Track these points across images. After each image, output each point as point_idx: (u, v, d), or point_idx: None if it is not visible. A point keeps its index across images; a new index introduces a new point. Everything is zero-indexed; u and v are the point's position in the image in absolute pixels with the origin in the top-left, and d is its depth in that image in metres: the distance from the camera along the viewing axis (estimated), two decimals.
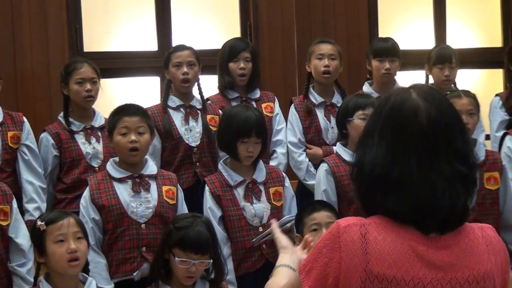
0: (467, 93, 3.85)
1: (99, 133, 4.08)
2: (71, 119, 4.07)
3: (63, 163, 4.04)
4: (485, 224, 1.75)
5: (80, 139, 4.05)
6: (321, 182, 3.72)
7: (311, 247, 1.88)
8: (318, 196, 3.71)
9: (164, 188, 3.56)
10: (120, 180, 3.51)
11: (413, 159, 1.63)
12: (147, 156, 3.65)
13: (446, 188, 1.63)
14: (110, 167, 3.55)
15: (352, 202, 3.68)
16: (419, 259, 1.61)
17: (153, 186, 3.53)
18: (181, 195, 3.63)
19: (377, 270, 1.59)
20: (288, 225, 3.47)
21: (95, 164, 4.01)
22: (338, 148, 3.82)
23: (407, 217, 1.63)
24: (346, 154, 3.75)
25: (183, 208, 3.61)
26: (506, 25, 5.75)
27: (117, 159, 3.59)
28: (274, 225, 2.17)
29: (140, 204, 3.49)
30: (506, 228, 3.83)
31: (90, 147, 4.03)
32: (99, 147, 4.05)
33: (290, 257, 1.97)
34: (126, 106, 3.60)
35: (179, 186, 3.65)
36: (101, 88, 4.12)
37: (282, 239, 2.05)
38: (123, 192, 3.49)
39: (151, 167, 3.60)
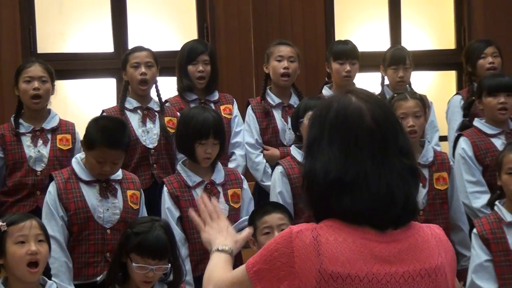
0: (413, 95, 3.90)
1: (49, 136, 4.01)
2: (21, 121, 4.00)
3: (6, 166, 3.98)
4: (432, 224, 1.80)
5: (26, 141, 3.97)
6: (277, 184, 3.74)
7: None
8: (274, 198, 3.72)
9: (129, 192, 3.54)
10: (87, 183, 3.48)
11: (365, 159, 1.66)
12: None
13: (400, 182, 1.67)
14: (77, 166, 3.50)
15: None
16: (372, 255, 1.64)
17: (119, 192, 3.52)
18: (143, 198, 3.62)
19: (331, 269, 1.62)
20: (247, 229, 3.47)
21: (39, 168, 3.94)
22: (293, 150, 3.85)
23: (363, 217, 1.66)
24: (300, 156, 3.78)
25: (143, 212, 3.60)
26: (459, 27, 5.85)
27: (83, 155, 3.53)
28: None
29: (107, 209, 3.47)
30: (453, 228, 3.90)
31: (34, 151, 3.96)
32: (45, 150, 3.97)
33: (225, 239, 1.96)
34: (108, 131, 3.48)
35: (141, 190, 3.64)
36: (54, 90, 4.05)
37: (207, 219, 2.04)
38: (91, 196, 3.46)
39: (117, 172, 3.57)
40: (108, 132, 3.46)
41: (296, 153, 3.80)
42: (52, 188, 3.47)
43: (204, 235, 2.01)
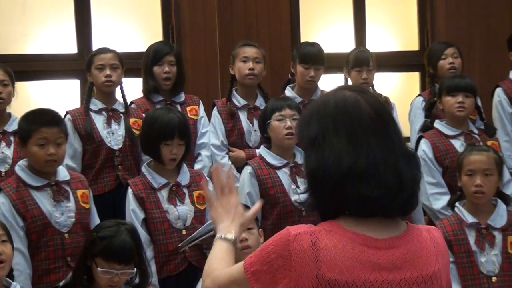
0: (379, 96, 3.93)
1: (11, 138, 3.97)
2: None
3: None
4: (431, 226, 1.82)
5: None
6: (245, 185, 3.74)
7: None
8: (242, 199, 3.70)
9: (79, 192, 3.53)
10: (37, 189, 3.43)
11: (373, 146, 1.68)
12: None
13: (406, 166, 1.69)
14: (22, 173, 3.46)
15: (276, 205, 3.72)
16: (370, 262, 1.65)
17: (70, 194, 3.50)
18: (91, 196, 3.60)
19: (329, 275, 1.62)
20: (212, 232, 3.47)
21: (3, 169, 3.91)
22: (262, 151, 3.86)
23: (377, 204, 1.66)
24: (270, 157, 3.79)
25: (94, 210, 3.59)
26: (422, 29, 5.90)
27: (25, 162, 3.50)
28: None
29: (62, 213, 3.44)
30: None
31: None
32: (9, 152, 3.94)
33: (232, 220, 1.94)
34: (43, 114, 3.51)
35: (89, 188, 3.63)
36: (16, 92, 4.02)
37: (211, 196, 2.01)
38: (44, 202, 3.43)
39: (63, 172, 3.55)
40: (39, 113, 3.52)
41: (266, 153, 3.81)
42: (4, 200, 3.40)
43: (212, 212, 1.99)
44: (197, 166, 4.18)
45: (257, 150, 4.22)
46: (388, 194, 1.66)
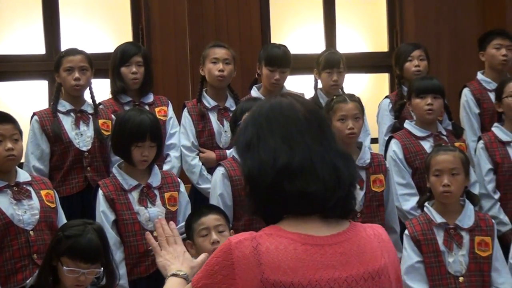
0: (352, 98, 3.96)
1: None
2: None
3: None
4: (375, 224, 1.82)
5: None
6: (217, 186, 3.72)
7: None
8: (214, 200, 3.71)
9: (43, 192, 3.52)
10: None
11: (308, 144, 1.69)
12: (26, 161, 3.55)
13: (343, 164, 1.71)
14: None
15: None
16: (314, 261, 1.64)
17: (33, 193, 3.48)
18: (57, 197, 3.59)
19: (273, 278, 1.61)
20: (184, 236, 3.47)
21: None
22: (235, 152, 3.84)
23: (315, 201, 1.66)
24: None
25: (60, 211, 3.58)
26: (391, 30, 5.94)
27: None
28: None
29: (25, 211, 3.43)
30: (387, 229, 3.94)
31: None
32: None
33: (181, 264, 1.95)
34: None
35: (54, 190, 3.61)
36: None
37: (165, 244, 2.02)
38: (4, 202, 3.41)
39: (23, 174, 3.54)
40: None
41: None
42: None
43: (159, 260, 1.99)
44: (165, 167, 4.16)
45: (228, 151, 4.22)
46: (325, 189, 1.67)
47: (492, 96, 4.70)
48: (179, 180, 3.79)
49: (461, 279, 3.50)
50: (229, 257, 1.64)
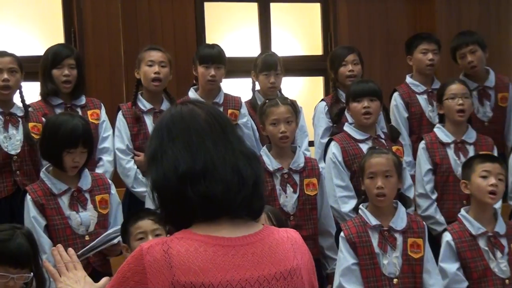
0: (284, 101, 3.97)
1: None
2: None
3: None
4: (290, 228, 1.85)
5: None
6: None
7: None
8: (150, 204, 3.65)
9: None
10: None
11: (209, 147, 1.71)
12: None
13: (246, 163, 1.73)
14: None
15: None
16: (225, 262, 1.66)
17: None
18: None
19: (184, 280, 1.63)
20: (115, 240, 3.42)
21: None
22: None
23: (219, 202, 1.68)
24: None
25: None
26: (326, 33, 6.00)
27: None
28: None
29: None
30: (322, 233, 3.99)
31: None
32: None
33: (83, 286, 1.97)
34: None
35: None
36: None
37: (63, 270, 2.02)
38: None
39: None
40: None
41: None
42: None
43: (59, 286, 1.99)
44: (98, 171, 4.08)
45: None
46: (229, 190, 1.69)
47: (420, 99, 4.81)
48: (110, 182, 3.76)
49: (395, 280, 3.54)
50: (141, 263, 1.65)
